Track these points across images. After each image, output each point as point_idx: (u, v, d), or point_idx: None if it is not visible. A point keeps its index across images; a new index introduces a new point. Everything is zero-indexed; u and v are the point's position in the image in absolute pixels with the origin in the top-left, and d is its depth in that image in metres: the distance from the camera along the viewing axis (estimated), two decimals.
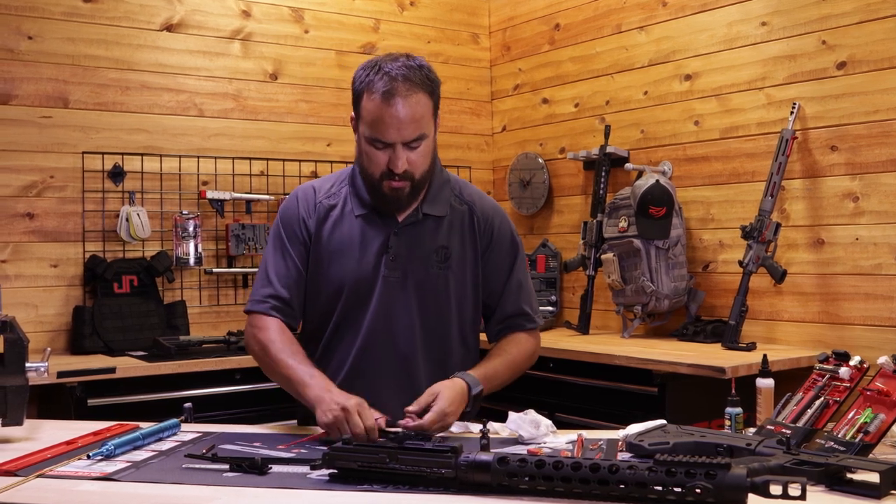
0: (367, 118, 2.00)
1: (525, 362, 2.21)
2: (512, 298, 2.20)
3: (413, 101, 1.97)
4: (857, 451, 1.56)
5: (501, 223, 2.21)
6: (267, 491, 1.50)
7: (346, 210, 2.14)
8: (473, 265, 2.17)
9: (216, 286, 4.09)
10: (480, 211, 2.19)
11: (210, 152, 4.07)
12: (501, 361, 2.13)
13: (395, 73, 1.97)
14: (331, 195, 2.17)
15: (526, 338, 2.22)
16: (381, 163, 2.01)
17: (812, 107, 3.42)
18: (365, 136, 2.02)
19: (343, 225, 2.13)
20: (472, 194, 2.23)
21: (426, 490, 1.47)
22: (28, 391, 1.92)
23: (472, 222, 2.17)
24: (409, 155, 2.00)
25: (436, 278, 2.12)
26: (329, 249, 2.12)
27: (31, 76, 3.68)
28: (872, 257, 3.25)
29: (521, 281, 2.22)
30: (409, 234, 2.12)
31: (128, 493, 1.52)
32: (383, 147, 2.00)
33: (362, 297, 2.10)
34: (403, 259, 2.10)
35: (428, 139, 2.03)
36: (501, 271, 2.19)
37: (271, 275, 2.12)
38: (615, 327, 4.18)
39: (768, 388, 2.01)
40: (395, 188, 2.03)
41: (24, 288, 3.64)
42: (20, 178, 3.65)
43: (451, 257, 2.13)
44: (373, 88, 1.98)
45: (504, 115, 4.93)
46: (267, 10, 4.27)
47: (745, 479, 1.30)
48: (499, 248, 2.19)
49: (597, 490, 1.37)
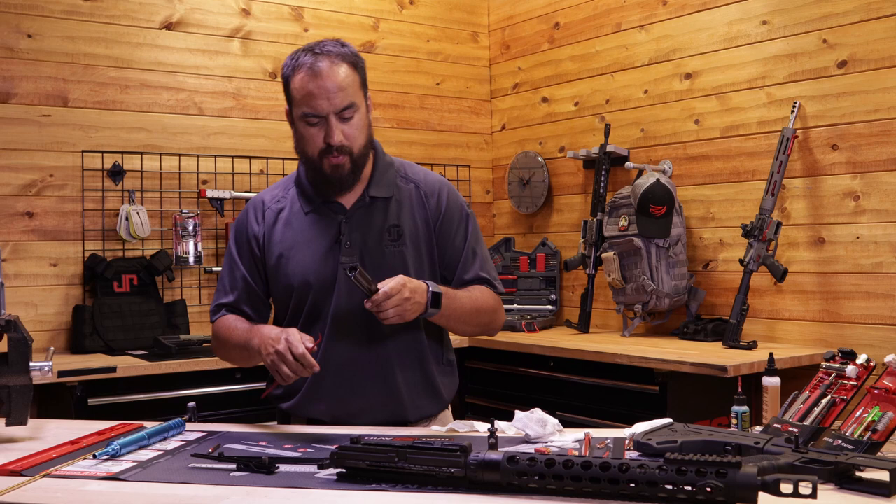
0: (297, 96, 2.06)
1: (489, 311, 2.20)
2: (469, 266, 2.20)
3: (338, 70, 2.04)
4: (866, 449, 1.56)
5: (449, 195, 2.23)
6: (276, 490, 1.49)
7: (294, 209, 2.20)
8: (427, 240, 2.18)
9: (216, 285, 4.07)
10: (426, 186, 2.21)
11: (210, 151, 4.07)
12: (464, 292, 2.16)
13: (318, 50, 2.07)
14: (278, 199, 2.23)
15: (488, 291, 2.21)
16: (318, 140, 2.06)
17: (813, 106, 3.42)
18: (298, 117, 2.08)
19: (293, 224, 2.18)
20: (417, 172, 2.25)
21: (435, 489, 1.47)
22: (32, 391, 1.91)
23: (419, 198, 2.20)
24: (344, 128, 2.05)
25: (392, 257, 2.13)
26: (283, 249, 2.17)
27: (30, 75, 3.67)
28: (873, 256, 3.25)
29: (476, 250, 2.23)
30: (358, 218, 2.15)
31: (136, 492, 1.51)
32: (317, 122, 2.05)
33: (325, 290, 2.11)
34: (358, 244, 2.13)
35: (360, 112, 2.08)
36: (455, 242, 2.21)
37: (221, 285, 2.26)
38: (615, 326, 4.18)
39: (774, 387, 2.01)
40: (335, 164, 2.07)
41: (24, 287, 3.63)
42: (20, 177, 3.64)
43: (403, 234, 2.15)
44: (299, 66, 2.06)
45: (503, 113, 4.92)
46: (267, 8, 4.26)
47: (755, 477, 1.29)
48: (448, 219, 2.20)
49: (607, 489, 1.37)
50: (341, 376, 2.11)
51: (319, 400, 2.13)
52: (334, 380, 2.11)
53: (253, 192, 4.12)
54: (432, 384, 2.19)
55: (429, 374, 2.18)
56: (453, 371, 2.28)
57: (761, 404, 2.06)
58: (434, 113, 4.80)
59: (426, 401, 2.17)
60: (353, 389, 2.11)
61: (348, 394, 2.11)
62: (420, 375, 2.17)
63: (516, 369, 3.86)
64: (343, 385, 2.12)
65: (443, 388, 2.22)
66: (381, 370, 2.12)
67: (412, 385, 2.15)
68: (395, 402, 2.13)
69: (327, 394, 2.12)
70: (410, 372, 2.15)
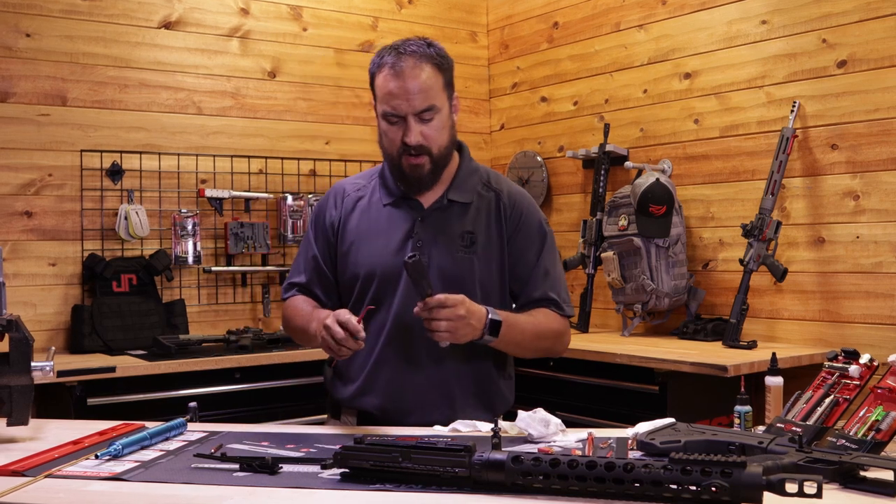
0: (380, 94, 2.08)
1: (551, 336, 2.18)
2: (538, 284, 2.17)
3: (420, 71, 2.04)
4: (870, 448, 1.56)
5: (529, 209, 2.21)
6: (279, 490, 1.49)
7: (373, 200, 2.21)
8: (499, 250, 2.16)
9: (215, 285, 4.07)
10: (507, 197, 2.20)
11: (209, 150, 4.06)
12: (526, 318, 2.13)
13: (404, 49, 2.07)
14: (360, 188, 2.25)
15: (553, 315, 2.18)
16: (397, 139, 2.07)
17: (812, 105, 3.42)
18: (380, 114, 2.09)
19: (370, 214, 2.19)
20: (501, 182, 2.24)
21: (439, 489, 1.46)
22: (33, 391, 1.91)
23: (498, 207, 2.18)
24: (423, 129, 2.05)
25: (460, 262, 2.12)
26: (356, 237, 2.18)
27: (29, 74, 3.66)
28: (873, 255, 3.25)
29: (549, 269, 2.19)
30: (434, 219, 2.14)
31: (139, 493, 1.50)
32: (397, 121, 2.06)
33: (390, 283, 2.11)
34: (429, 244, 2.12)
35: (441, 114, 2.07)
36: (527, 257, 2.18)
37: (295, 264, 2.31)
38: (614, 325, 4.18)
39: (777, 386, 2.01)
40: (414, 164, 2.07)
41: (23, 287, 3.62)
42: (18, 177, 3.63)
43: (476, 242, 2.14)
44: (383, 64, 2.07)
45: (502, 113, 4.92)
46: (265, 7, 4.25)
47: (761, 477, 1.29)
48: (525, 234, 2.18)
49: (612, 489, 1.37)
50: (397, 372, 2.11)
51: (373, 393, 2.12)
52: (389, 375, 2.11)
53: (252, 192, 4.12)
54: (486, 393, 2.17)
55: (484, 383, 2.16)
56: (510, 385, 2.26)
57: (763, 404, 2.06)
58: None
59: (478, 412, 2.12)
60: (407, 386, 2.10)
61: (402, 389, 2.10)
62: (475, 384, 2.15)
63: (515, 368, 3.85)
64: (397, 380, 2.11)
65: (496, 399, 2.19)
66: (438, 372, 2.11)
67: (466, 391, 2.13)
68: (447, 404, 2.11)
69: (381, 388, 2.11)
70: (466, 379, 2.13)
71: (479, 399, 2.16)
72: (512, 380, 2.28)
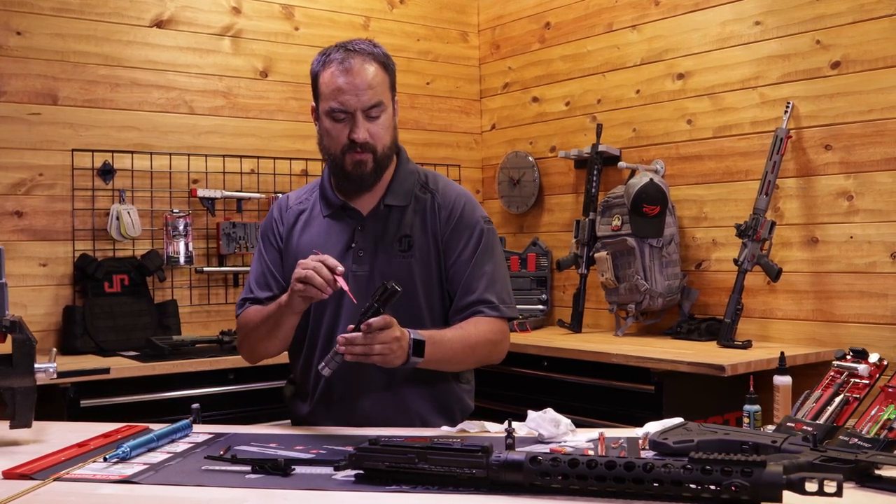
0: (325, 91, 2.07)
1: (484, 345, 2.10)
2: (472, 285, 2.11)
3: (369, 68, 2.05)
4: (883, 447, 1.56)
5: (465, 207, 2.16)
6: (294, 492, 1.48)
7: (314, 212, 2.20)
8: (436, 252, 2.14)
9: (207, 285, 4.05)
10: (442, 196, 2.17)
11: (201, 150, 4.03)
12: (454, 333, 2.06)
13: (352, 47, 2.08)
14: (302, 201, 2.25)
15: (486, 321, 2.11)
16: (342, 136, 2.06)
17: (806, 106, 3.44)
18: (325, 112, 2.07)
19: (312, 227, 2.19)
20: (438, 182, 2.21)
21: (456, 490, 1.46)
22: (36, 392, 1.88)
23: (433, 208, 2.15)
24: (369, 126, 2.05)
25: (399, 267, 2.10)
26: (299, 250, 2.15)
27: (19, 72, 3.62)
28: (866, 255, 3.28)
29: (485, 268, 2.13)
30: (372, 227, 2.13)
31: (151, 495, 1.49)
32: (344, 118, 2.05)
33: (333, 297, 2.01)
34: (369, 253, 2.11)
35: (387, 112, 2.08)
36: (462, 257, 2.13)
37: (249, 281, 2.26)
38: (606, 325, 4.19)
39: (786, 386, 2.02)
40: (358, 160, 2.06)
41: (13, 287, 3.56)
42: (8, 176, 3.59)
43: (413, 245, 2.12)
44: (330, 62, 2.07)
45: (493, 113, 4.92)
46: (257, 7, 4.23)
47: (781, 476, 1.29)
48: (459, 233, 2.14)
49: (631, 489, 1.36)
50: (349, 387, 2.09)
51: (329, 414, 2.11)
52: (343, 390, 2.10)
53: (244, 192, 4.09)
54: (443, 401, 2.16)
55: (440, 391, 2.15)
56: (470, 391, 2.24)
57: (771, 403, 2.06)
58: (424, 112, 4.78)
59: (436, 417, 2.11)
60: (361, 398, 2.10)
61: (356, 402, 2.09)
62: (430, 392, 2.13)
63: (509, 369, 3.84)
64: (350, 393, 2.10)
65: (455, 407, 2.18)
66: (390, 381, 2.09)
67: (421, 400, 2.12)
68: (404, 416, 2.10)
69: (337, 402, 2.11)
70: (419, 386, 2.12)
71: (436, 407, 2.14)
72: (470, 384, 2.25)
